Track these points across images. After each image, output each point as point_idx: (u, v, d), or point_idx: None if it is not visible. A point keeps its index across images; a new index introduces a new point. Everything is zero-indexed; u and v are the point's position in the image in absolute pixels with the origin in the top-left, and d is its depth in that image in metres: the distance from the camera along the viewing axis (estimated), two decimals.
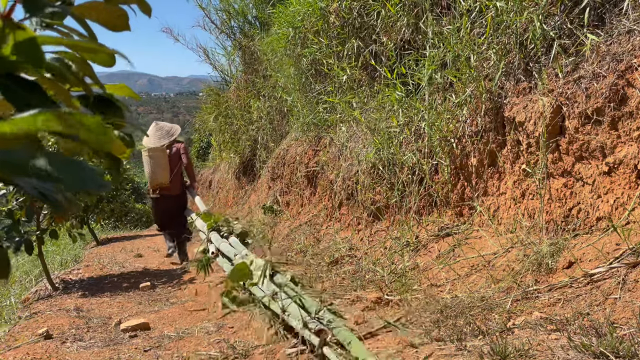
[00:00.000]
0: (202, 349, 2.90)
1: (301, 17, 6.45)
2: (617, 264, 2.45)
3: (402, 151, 4.46)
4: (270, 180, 7.90)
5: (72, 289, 4.90)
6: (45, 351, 3.06)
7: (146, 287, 4.80)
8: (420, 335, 2.47)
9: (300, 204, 6.65)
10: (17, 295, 4.82)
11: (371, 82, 5.45)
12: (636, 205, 2.68)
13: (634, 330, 1.95)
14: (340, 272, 4.15)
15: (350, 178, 5.23)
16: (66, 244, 8.07)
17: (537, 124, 3.29)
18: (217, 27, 11.16)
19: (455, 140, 4.01)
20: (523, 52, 3.54)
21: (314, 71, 6.42)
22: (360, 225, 4.98)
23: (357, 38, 5.59)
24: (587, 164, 3.04)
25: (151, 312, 3.98)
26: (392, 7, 4.90)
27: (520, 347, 2.02)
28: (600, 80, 2.92)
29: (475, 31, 4.00)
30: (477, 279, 3.15)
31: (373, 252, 4.40)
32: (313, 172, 6.32)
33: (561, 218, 3.13)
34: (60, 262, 6.41)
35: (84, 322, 3.73)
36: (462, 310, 2.58)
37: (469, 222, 3.90)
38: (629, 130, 2.76)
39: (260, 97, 9.18)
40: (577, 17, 3.26)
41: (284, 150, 7.46)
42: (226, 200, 10.38)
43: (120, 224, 12.45)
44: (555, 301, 2.49)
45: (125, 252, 7.43)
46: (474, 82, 3.83)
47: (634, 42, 2.83)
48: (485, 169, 3.81)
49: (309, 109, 6.44)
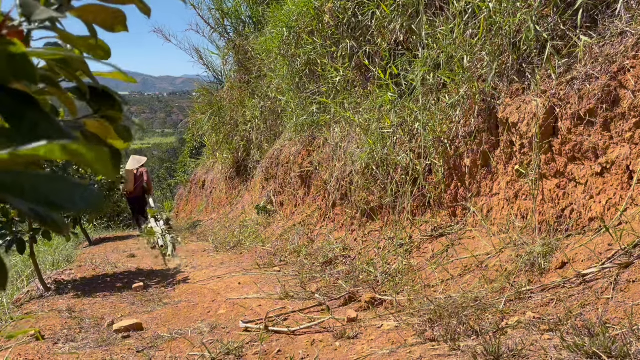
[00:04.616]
0: (195, 349, 2.89)
1: (295, 17, 6.45)
2: (609, 264, 2.47)
3: (395, 152, 4.46)
4: (264, 181, 7.89)
5: (64, 290, 4.87)
6: (37, 352, 3.04)
7: (139, 287, 4.77)
8: (413, 336, 2.47)
9: (294, 204, 6.65)
10: (9, 296, 4.78)
11: (365, 83, 5.45)
12: (628, 206, 2.70)
13: (626, 330, 1.96)
14: (334, 272, 4.15)
15: (344, 178, 5.23)
16: (58, 244, 8.02)
17: (530, 125, 3.30)
18: (211, 27, 11.12)
19: (448, 141, 4.01)
20: (516, 54, 3.55)
21: (308, 71, 6.41)
22: (354, 225, 4.98)
23: (351, 38, 5.59)
24: (579, 165, 3.05)
25: (144, 312, 3.96)
26: (387, 7, 4.91)
27: (513, 347, 2.03)
28: (593, 82, 2.94)
29: (469, 32, 4.01)
30: (471, 280, 3.16)
31: (367, 252, 4.41)
32: (307, 173, 6.32)
33: (554, 219, 3.15)
34: (52, 263, 6.36)
35: (76, 323, 3.70)
36: (456, 310, 2.59)
37: (462, 222, 3.91)
38: (622, 132, 2.78)
39: (254, 97, 9.17)
40: (570, 19, 3.28)
41: (278, 151, 7.45)
42: (220, 200, 10.35)
43: (113, 224, 12.40)
44: (548, 301, 2.50)
45: (118, 253, 7.39)
46: (468, 83, 3.84)
47: (626, 44, 2.85)
48: (479, 170, 3.82)
49: (303, 109, 6.44)
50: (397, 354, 2.29)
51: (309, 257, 4.85)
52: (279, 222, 6.64)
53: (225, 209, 9.60)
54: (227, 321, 3.40)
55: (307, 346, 2.68)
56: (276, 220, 6.81)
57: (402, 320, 2.74)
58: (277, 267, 4.95)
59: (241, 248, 6.35)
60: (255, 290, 4.05)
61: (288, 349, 2.69)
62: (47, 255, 7.04)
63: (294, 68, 6.62)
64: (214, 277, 4.84)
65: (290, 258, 5.12)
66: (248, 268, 5.05)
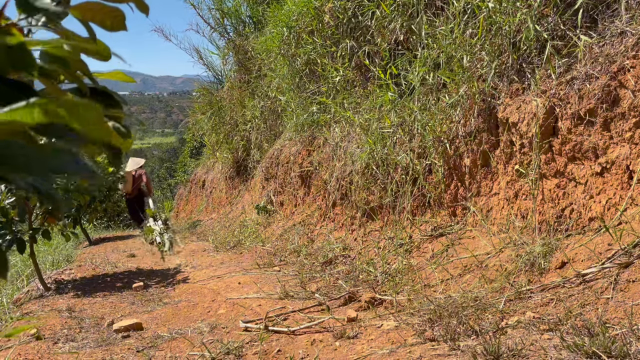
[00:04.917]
0: (195, 349, 2.89)
1: (295, 16, 6.45)
2: (609, 264, 2.47)
3: (395, 151, 4.46)
4: (264, 180, 7.89)
5: (64, 289, 4.87)
6: (37, 352, 3.04)
7: (139, 287, 4.77)
8: (413, 335, 2.47)
9: (294, 204, 6.65)
10: (9, 296, 4.78)
11: (365, 83, 5.45)
12: (628, 206, 2.70)
13: (626, 330, 1.96)
14: (334, 272, 4.15)
15: (344, 178, 5.23)
16: (58, 243, 8.02)
17: (530, 124, 3.30)
18: (211, 27, 11.11)
19: (448, 140, 4.01)
20: (516, 53, 3.55)
21: (308, 71, 6.41)
22: (354, 225, 4.98)
23: (351, 38, 5.59)
24: (579, 165, 3.05)
25: (144, 312, 3.96)
26: (387, 7, 4.91)
27: (513, 347, 2.03)
28: (593, 82, 2.94)
29: (469, 32, 4.01)
30: (471, 279, 3.16)
31: (367, 252, 4.41)
32: (307, 172, 6.32)
33: (554, 218, 3.15)
34: (52, 262, 6.36)
35: (76, 323, 3.70)
36: (456, 310, 2.59)
37: (462, 222, 3.91)
38: (621, 131, 2.78)
39: (254, 97, 9.17)
40: (570, 19, 3.28)
41: (278, 150, 7.45)
42: (219, 200, 10.35)
43: (113, 224, 12.40)
44: (547, 301, 2.50)
45: (118, 252, 7.39)
46: (467, 83, 3.84)
47: (626, 44, 2.85)
48: (479, 170, 3.82)
49: (303, 109, 6.44)
50: (397, 353, 2.29)
51: (309, 257, 4.85)
52: (279, 222, 6.64)
53: (225, 209, 9.60)
54: (227, 321, 3.40)
55: (307, 346, 2.68)
56: (276, 220, 6.82)
57: (402, 320, 2.74)
58: (277, 266, 4.95)
59: (241, 248, 6.35)
60: (255, 290, 4.05)
61: (288, 348, 2.69)
62: (47, 254, 7.04)
63: (294, 68, 6.62)
64: (214, 276, 4.84)
65: (290, 258, 5.12)
66: (248, 268, 5.05)
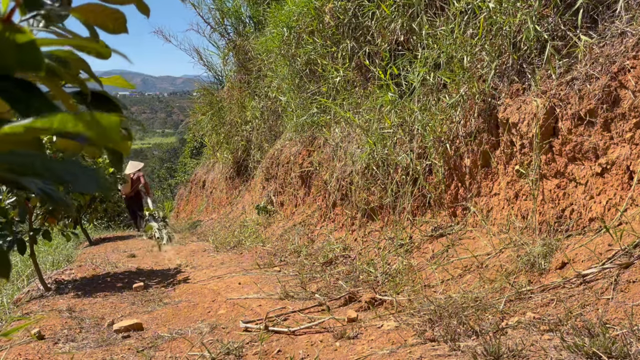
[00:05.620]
0: (195, 349, 2.89)
1: (296, 16, 6.45)
2: (609, 264, 2.47)
3: (396, 152, 4.46)
4: (264, 181, 7.89)
5: (64, 290, 4.87)
6: (37, 352, 3.04)
7: (139, 287, 4.77)
8: (413, 336, 2.47)
9: (294, 204, 6.65)
10: (9, 296, 4.78)
11: (365, 83, 5.45)
12: (628, 206, 2.70)
13: (626, 330, 1.96)
14: (334, 273, 4.15)
15: (344, 178, 5.23)
16: (58, 243, 8.02)
17: (530, 125, 3.30)
18: (211, 27, 11.12)
19: (448, 141, 4.01)
20: (516, 54, 3.55)
21: (308, 71, 6.41)
22: (354, 225, 4.98)
23: (352, 39, 5.59)
24: (580, 165, 3.05)
25: (144, 312, 3.96)
26: (387, 8, 4.91)
27: (513, 347, 2.03)
28: (593, 82, 2.94)
29: (469, 32, 4.01)
30: (471, 280, 3.16)
31: (367, 252, 4.41)
32: (307, 173, 6.32)
33: (554, 219, 3.15)
34: (53, 262, 6.36)
35: (76, 323, 3.70)
36: (456, 310, 2.59)
37: (462, 222, 3.91)
38: (622, 132, 2.78)
39: (254, 97, 9.17)
40: (570, 19, 3.28)
41: (278, 151, 7.45)
42: (220, 200, 10.36)
43: (113, 224, 12.41)
44: (548, 301, 2.50)
45: (118, 252, 7.39)
46: (468, 83, 3.84)
47: (626, 44, 2.85)
48: (479, 170, 3.82)
49: (303, 109, 6.44)
50: (397, 354, 2.29)
51: (309, 257, 4.85)
52: (279, 222, 6.64)
53: (226, 209, 9.60)
54: (227, 321, 3.40)
55: (307, 346, 2.68)
56: (276, 220, 6.82)
57: (402, 320, 2.74)
58: (277, 267, 4.95)
59: (241, 248, 6.35)
60: (255, 290, 4.05)
61: (288, 349, 2.69)
62: (47, 255, 7.05)
63: (294, 68, 6.62)
64: (214, 277, 4.84)
65: (290, 258, 5.12)
66: (248, 268, 5.05)
